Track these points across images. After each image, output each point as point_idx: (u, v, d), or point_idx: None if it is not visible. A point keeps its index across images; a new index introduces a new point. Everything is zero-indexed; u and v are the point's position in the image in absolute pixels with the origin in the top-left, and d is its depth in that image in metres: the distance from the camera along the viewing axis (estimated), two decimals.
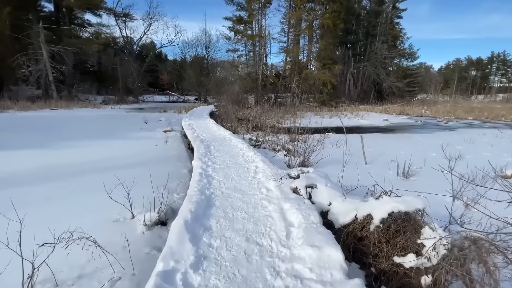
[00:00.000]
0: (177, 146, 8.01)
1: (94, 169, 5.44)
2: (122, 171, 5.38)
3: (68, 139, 8.56)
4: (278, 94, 26.89)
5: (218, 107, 15.61)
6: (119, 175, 5.29)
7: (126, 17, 29.91)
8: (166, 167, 5.77)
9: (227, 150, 5.67)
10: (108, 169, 5.46)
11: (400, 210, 2.21)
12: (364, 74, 33.28)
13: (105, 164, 5.92)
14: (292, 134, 9.84)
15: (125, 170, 5.48)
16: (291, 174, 3.61)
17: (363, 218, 2.39)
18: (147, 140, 8.84)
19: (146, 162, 6.17)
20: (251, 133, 10.80)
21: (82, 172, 5.25)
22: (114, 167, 5.61)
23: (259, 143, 7.92)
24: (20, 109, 17.90)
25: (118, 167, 5.66)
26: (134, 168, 5.64)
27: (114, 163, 5.95)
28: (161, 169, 5.63)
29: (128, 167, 5.73)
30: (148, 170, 5.67)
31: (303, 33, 25.83)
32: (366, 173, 5.62)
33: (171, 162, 6.20)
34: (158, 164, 6.06)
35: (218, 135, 7.86)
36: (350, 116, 18.72)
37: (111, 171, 5.38)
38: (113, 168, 5.56)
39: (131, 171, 5.43)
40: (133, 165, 5.92)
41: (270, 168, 3.91)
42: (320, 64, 23.36)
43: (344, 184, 4.71)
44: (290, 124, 14.84)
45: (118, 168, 5.60)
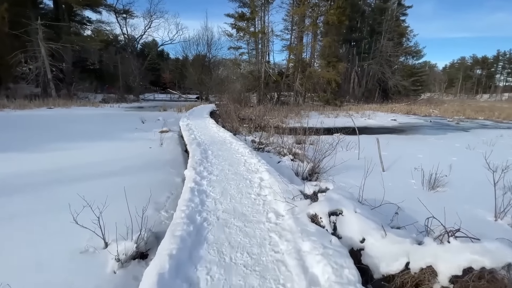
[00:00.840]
0: (173, 149, 7.27)
1: (74, 178, 4.70)
2: (106, 180, 4.65)
3: (56, 140, 7.86)
4: (281, 93, 26.09)
5: (219, 106, 14.86)
6: (102, 185, 4.56)
7: (127, 14, 29.18)
8: (157, 174, 5.04)
9: (226, 156, 4.92)
10: (90, 178, 4.73)
11: (484, 266, 1.44)
12: (369, 72, 32.34)
13: (88, 170, 5.18)
14: (298, 135, 9.10)
15: (110, 179, 4.75)
16: (306, 192, 2.85)
17: (420, 270, 1.62)
18: (141, 141, 8.11)
19: (136, 169, 5.44)
20: (254, 134, 10.05)
21: (58, 181, 4.52)
22: (97, 175, 4.89)
23: (263, 145, 7.16)
24: (16, 107, 17.25)
25: (103, 175, 4.93)
26: (121, 176, 4.91)
27: (99, 170, 5.22)
28: (152, 177, 4.90)
29: (114, 174, 4.99)
30: (137, 178, 4.95)
31: (307, 30, 24.96)
32: (386, 182, 4.85)
33: (163, 169, 5.46)
34: (149, 170, 5.33)
35: (218, 137, 7.11)
36: (356, 116, 17.88)
37: (93, 180, 4.66)
38: (97, 176, 4.83)
39: (117, 180, 4.70)
40: (120, 172, 5.19)
41: (278, 182, 3.15)
42: (324, 62, 22.51)
43: (364, 197, 3.96)
44: (295, 124, 14.08)
45: (103, 176, 4.87)
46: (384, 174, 5.69)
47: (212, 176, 3.65)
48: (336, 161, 5.52)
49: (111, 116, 15.05)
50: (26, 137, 8.32)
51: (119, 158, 6.28)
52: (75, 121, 12.54)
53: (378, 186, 4.39)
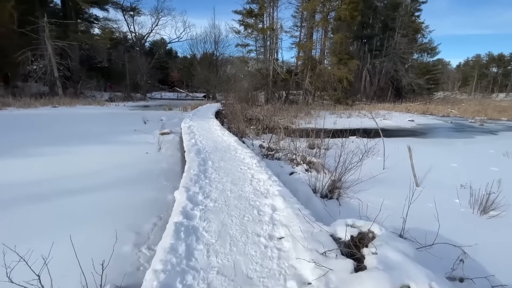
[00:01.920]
0: (171, 155, 6.44)
1: (47, 194, 3.90)
2: (84, 198, 3.83)
3: (47, 143, 7.14)
4: (290, 92, 25.04)
5: (225, 105, 14.00)
6: (76, 205, 3.65)
7: (134, 12, 28.58)
8: (148, 190, 4.20)
9: (229, 169, 4.03)
10: (66, 194, 3.92)
11: None
12: (381, 70, 30.90)
13: (69, 183, 4.38)
14: (309, 137, 8.17)
15: (90, 195, 3.93)
16: (339, 234, 1.94)
17: None
18: (138, 145, 7.31)
19: (125, 181, 4.62)
20: (262, 137, 9.14)
21: (25, 198, 3.71)
22: (77, 190, 4.08)
23: (272, 152, 6.25)
24: (21, 106, 16.83)
25: (84, 189, 4.12)
26: (105, 191, 4.09)
27: (81, 183, 4.42)
28: (141, 193, 4.07)
29: (97, 189, 4.18)
30: (123, 195, 4.11)
31: (318, 26, 23.80)
32: (424, 202, 3.89)
33: (156, 181, 4.62)
34: (140, 183, 4.50)
35: (222, 142, 6.23)
36: (370, 116, 16.74)
37: (69, 197, 3.83)
38: (75, 192, 4.02)
39: (99, 197, 3.89)
40: (106, 185, 4.37)
41: (298, 217, 2.24)
42: (335, 59, 21.35)
43: (406, 227, 3.02)
44: (305, 125, 13.11)
45: (83, 191, 4.06)
46: (419, 190, 4.71)
47: (209, 202, 2.76)
48: (358, 171, 4.56)
49: (113, 116, 14.39)
50: (16, 138, 7.64)
51: (109, 166, 5.47)
52: (75, 121, 11.90)
53: (416, 208, 3.47)
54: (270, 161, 5.81)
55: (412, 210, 3.52)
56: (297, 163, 5.51)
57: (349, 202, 4.07)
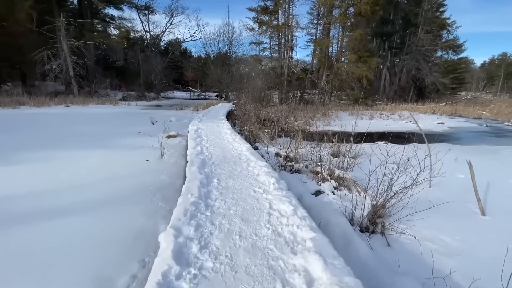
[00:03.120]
0: (175, 164, 5.55)
1: (11, 217, 3.07)
2: (51, 225, 2.93)
3: (42, 146, 6.44)
4: (305, 91, 23.80)
5: (237, 105, 13.07)
6: (39, 234, 2.82)
7: (148, 10, 28.18)
8: (137, 213, 3.30)
9: (240, 192, 3.05)
10: (29, 219, 3.07)
11: None
12: (402, 68, 28.98)
13: (46, 201, 3.56)
14: (329, 141, 7.11)
15: (61, 221, 3.06)
16: None
17: None
18: (140, 150, 6.49)
19: (114, 200, 3.75)
20: (277, 141, 8.12)
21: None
22: (45, 213, 3.22)
23: (292, 163, 5.22)
24: (35, 105, 16.63)
25: (55, 213, 3.26)
26: (83, 215, 3.21)
27: (58, 201, 3.58)
28: (127, 218, 3.17)
29: (73, 212, 3.31)
30: (105, 221, 3.20)
31: (335, 22, 22.41)
32: (501, 242, 2.78)
33: (151, 201, 3.72)
34: (130, 203, 3.61)
35: (232, 149, 5.27)
36: (394, 117, 15.33)
37: (31, 223, 2.98)
38: (43, 215, 3.16)
39: (71, 224, 3.01)
40: (87, 206, 3.51)
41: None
42: (355, 57, 19.92)
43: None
44: (323, 127, 11.97)
45: (53, 215, 3.19)
46: (487, 221, 3.55)
47: (206, 259, 1.76)
48: (397, 188, 3.45)
49: (122, 116, 13.78)
50: (13, 139, 7.01)
51: (101, 178, 4.64)
52: (82, 120, 11.33)
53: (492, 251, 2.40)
54: (288, 174, 4.79)
55: (488, 256, 2.44)
56: (323, 178, 4.46)
57: (400, 240, 2.99)
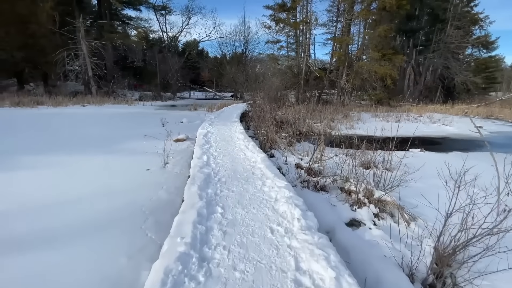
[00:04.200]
0: (178, 175, 4.74)
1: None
2: (16, 258, 2.22)
3: (39, 150, 5.85)
4: (323, 91, 22.53)
5: (252, 106, 12.19)
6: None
7: (165, 10, 27.96)
8: (117, 249, 2.49)
9: (251, 231, 2.13)
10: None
11: None
12: (428, 67, 26.91)
13: (15, 223, 2.84)
14: (353, 147, 6.08)
15: (29, 253, 2.30)
16: None
17: None
18: (142, 157, 5.75)
19: (98, 224, 2.98)
20: (295, 146, 7.15)
21: None
22: (15, 239, 2.48)
23: (316, 178, 4.24)
24: (52, 105, 16.63)
25: (27, 239, 2.51)
26: (56, 248, 2.44)
27: (36, 223, 2.86)
28: (108, 254, 2.36)
29: (46, 240, 2.56)
30: (69, 261, 2.40)
31: (357, 18, 20.99)
32: None
33: (140, 229, 2.90)
34: (115, 233, 2.82)
35: (243, 160, 4.37)
36: (423, 120, 13.85)
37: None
38: (13, 242, 2.43)
39: (40, 258, 2.24)
40: (67, 231, 2.75)
41: None
42: (378, 54, 18.46)
43: None
44: (346, 130, 10.83)
45: (23, 242, 2.45)
46: None
47: None
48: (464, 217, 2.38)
49: (134, 116, 13.30)
50: (14, 142, 6.52)
51: (92, 191, 3.90)
52: (93, 121, 10.89)
53: None
54: (313, 194, 3.84)
55: None
56: (359, 201, 3.47)
57: None
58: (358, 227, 3.14)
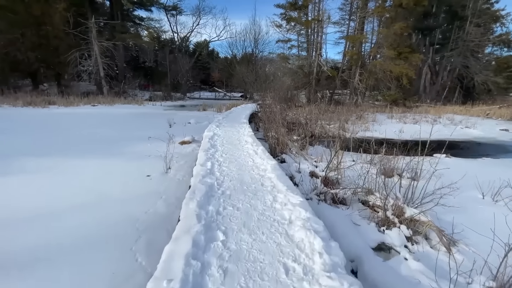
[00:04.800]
0: (179, 182, 4.30)
1: None
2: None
3: (38, 152, 5.55)
4: (335, 91, 21.77)
5: (262, 106, 11.69)
6: None
7: (175, 10, 27.82)
8: (103, 277, 2.07)
9: (260, 270, 1.64)
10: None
11: None
12: (446, 66, 25.64)
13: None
14: (370, 150, 5.52)
15: None
16: None
17: None
18: (145, 161, 5.37)
19: (85, 242, 2.57)
20: (308, 150, 6.60)
21: None
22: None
23: (335, 190, 3.70)
24: (64, 105, 16.67)
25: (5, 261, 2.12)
26: (26, 275, 2.03)
27: (20, 239, 2.47)
28: (94, 278, 1.94)
29: (22, 264, 2.16)
30: None
31: (372, 15, 20.14)
32: None
33: (130, 251, 2.47)
34: (101, 256, 2.39)
35: (252, 168, 3.89)
36: (443, 122, 12.98)
37: None
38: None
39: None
40: (48, 252, 2.35)
41: None
42: (394, 53, 17.57)
43: None
44: (362, 132, 10.18)
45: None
46: None
47: None
48: None
49: (143, 116, 13.05)
50: (21, 143, 6.28)
51: (86, 201, 3.52)
52: (100, 122, 10.66)
53: None
54: (331, 209, 3.31)
55: None
56: (387, 220, 2.92)
57: None
58: (388, 253, 2.60)
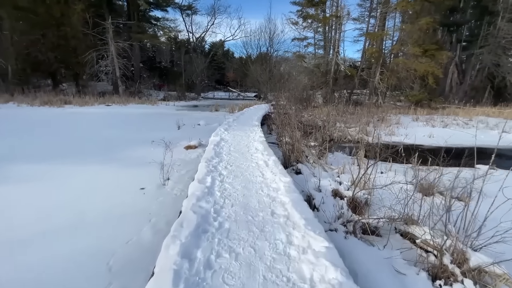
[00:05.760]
0: (176, 199, 3.62)
1: None
2: None
3: (36, 157, 5.09)
4: (353, 91, 20.53)
5: (275, 107, 10.89)
6: None
7: (191, 10, 27.50)
8: None
9: None
10: None
11: None
12: (475, 65, 23.63)
13: None
14: (401, 160, 4.62)
15: None
16: None
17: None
18: (143, 169, 4.74)
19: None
20: (326, 159, 5.73)
21: None
22: None
23: (366, 219, 2.86)
24: (79, 104, 16.69)
25: None
26: None
27: None
28: None
29: None
30: None
31: (394, 10, 18.74)
32: None
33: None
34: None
35: (261, 187, 3.11)
36: (478, 126, 11.60)
37: None
38: None
39: None
40: None
41: None
42: (419, 50, 16.16)
43: None
44: (386, 137, 9.14)
45: None
46: None
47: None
48: None
49: (154, 117, 12.61)
50: (14, 145, 5.87)
51: (57, 224, 2.90)
52: (109, 123, 10.28)
53: None
54: (363, 246, 2.48)
55: None
56: (443, 268, 2.06)
57: None
58: None
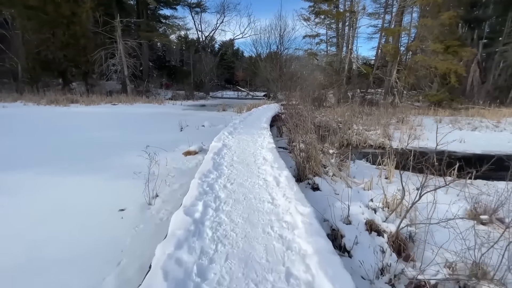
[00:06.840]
0: (158, 228, 2.76)
1: None
2: None
3: (19, 163, 4.40)
4: (368, 90, 19.30)
5: (286, 107, 9.97)
6: None
7: (200, 7, 26.82)
8: None
9: None
10: None
11: None
12: (499, 63, 21.90)
13: None
14: (439, 171, 3.52)
15: None
16: None
17: None
18: (127, 182, 3.96)
19: None
20: (349, 170, 4.78)
21: None
22: None
23: (422, 275, 1.94)
24: (85, 103, 16.28)
25: None
26: None
27: None
28: None
29: None
30: None
31: (413, 5, 17.38)
32: None
33: None
34: None
35: (269, 220, 2.22)
36: (507, 127, 10.31)
37: None
38: None
39: None
40: None
41: None
42: (441, 47, 14.83)
43: None
44: (411, 141, 8.03)
45: None
46: None
47: None
48: None
49: (158, 117, 11.92)
50: (15, 146, 5.23)
51: (4, 265, 2.12)
52: (108, 124, 9.64)
53: None
54: None
55: None
56: None
57: None
58: None
